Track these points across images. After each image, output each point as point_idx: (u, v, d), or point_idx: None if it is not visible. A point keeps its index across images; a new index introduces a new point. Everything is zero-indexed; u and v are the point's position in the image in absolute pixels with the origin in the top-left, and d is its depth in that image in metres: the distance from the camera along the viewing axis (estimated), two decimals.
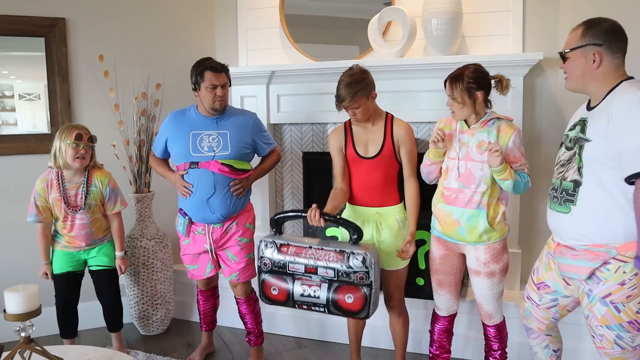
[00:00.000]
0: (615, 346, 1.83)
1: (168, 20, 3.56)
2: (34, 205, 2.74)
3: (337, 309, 2.29)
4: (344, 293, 2.27)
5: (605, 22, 1.80)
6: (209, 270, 2.82)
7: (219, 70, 2.63)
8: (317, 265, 2.29)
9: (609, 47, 1.77)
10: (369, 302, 2.26)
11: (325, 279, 2.29)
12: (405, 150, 2.45)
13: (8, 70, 3.30)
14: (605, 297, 1.81)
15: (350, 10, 3.41)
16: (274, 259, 2.36)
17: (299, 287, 2.33)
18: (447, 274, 2.42)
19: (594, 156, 1.77)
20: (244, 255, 2.77)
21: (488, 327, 2.42)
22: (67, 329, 2.88)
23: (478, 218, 2.25)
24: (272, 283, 2.39)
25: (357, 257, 2.24)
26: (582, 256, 1.84)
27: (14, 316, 1.78)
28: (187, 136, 2.69)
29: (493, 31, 3.07)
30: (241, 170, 2.70)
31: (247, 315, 2.89)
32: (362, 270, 2.24)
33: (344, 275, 2.26)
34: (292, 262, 2.33)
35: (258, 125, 2.81)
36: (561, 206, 1.89)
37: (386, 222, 2.47)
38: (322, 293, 2.29)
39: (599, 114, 1.78)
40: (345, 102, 2.34)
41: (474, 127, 2.26)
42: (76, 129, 2.71)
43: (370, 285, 2.25)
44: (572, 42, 1.84)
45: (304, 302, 2.34)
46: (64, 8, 3.28)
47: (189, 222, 2.75)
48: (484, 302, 2.36)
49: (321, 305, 2.31)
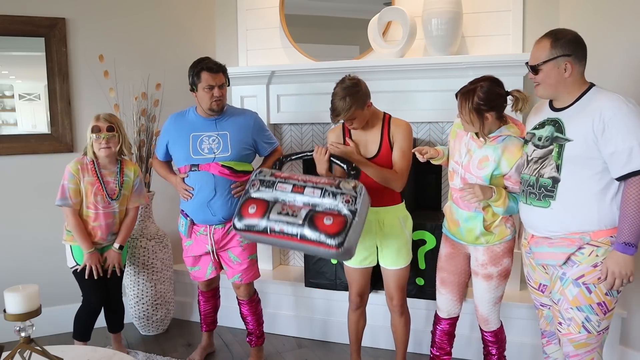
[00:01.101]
0: (582, 330, 1.94)
1: (168, 20, 3.56)
2: (66, 189, 2.67)
3: (312, 229, 2.11)
4: (324, 215, 2.14)
5: (569, 33, 1.92)
6: (210, 272, 2.82)
7: (215, 70, 2.60)
8: (305, 185, 2.22)
9: (576, 56, 1.90)
10: (347, 228, 2.10)
11: (309, 203, 2.19)
12: (397, 146, 2.43)
13: (8, 70, 3.30)
14: (578, 279, 1.93)
15: (350, 10, 3.41)
16: (264, 179, 2.31)
17: (279, 206, 2.21)
18: (450, 272, 2.41)
19: (575, 155, 1.89)
20: (246, 256, 2.76)
21: (485, 332, 2.42)
22: (89, 333, 2.83)
23: (475, 221, 2.24)
24: (252, 201, 2.27)
25: (349, 182, 2.21)
26: (559, 243, 1.97)
27: (14, 316, 1.78)
28: (187, 138, 2.68)
29: (493, 31, 3.07)
30: (242, 172, 2.69)
31: (249, 316, 2.89)
32: (350, 193, 2.16)
33: (330, 196, 2.16)
34: (282, 182, 2.27)
35: (259, 125, 2.78)
36: (540, 201, 1.99)
37: (388, 222, 2.47)
38: (301, 212, 2.17)
39: (579, 116, 1.89)
40: (340, 116, 2.33)
41: (481, 139, 2.18)
42: (94, 120, 2.70)
43: (354, 212, 2.13)
44: (541, 55, 1.92)
45: (278, 221, 2.17)
46: (64, 8, 3.28)
47: (191, 223, 2.75)
48: (480, 305, 2.35)
49: (296, 224, 2.14)
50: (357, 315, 2.65)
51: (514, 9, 3.01)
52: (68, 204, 2.68)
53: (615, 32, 2.65)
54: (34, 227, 3.29)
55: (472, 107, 2.07)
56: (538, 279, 2.14)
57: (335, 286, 3.18)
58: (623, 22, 2.62)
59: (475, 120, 2.09)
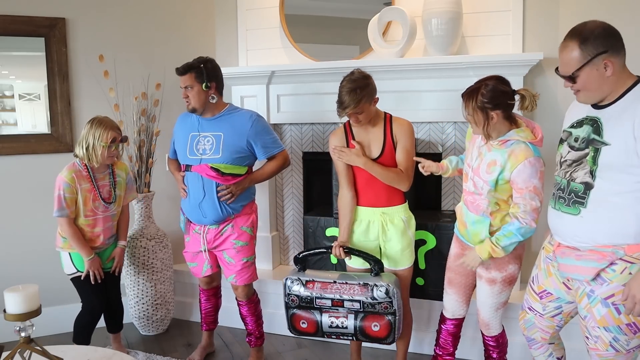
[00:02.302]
0: (610, 348, 1.81)
1: (168, 20, 3.56)
2: (62, 198, 2.62)
3: (365, 337, 2.44)
4: (370, 322, 2.42)
5: (595, 28, 1.71)
6: (206, 269, 2.82)
7: (180, 72, 2.60)
8: (343, 299, 2.42)
9: (613, 50, 1.70)
10: (394, 329, 2.41)
11: (352, 310, 2.42)
12: (400, 146, 2.43)
13: (8, 70, 3.30)
14: (607, 298, 1.77)
15: (350, 10, 3.41)
16: (302, 295, 2.48)
17: (327, 319, 2.47)
18: (458, 273, 2.40)
19: (614, 162, 1.71)
20: (240, 258, 2.75)
21: (486, 336, 2.41)
22: (90, 337, 2.81)
23: (481, 225, 2.20)
24: (301, 316, 2.51)
25: (380, 289, 2.37)
26: (588, 256, 1.79)
27: (14, 316, 1.78)
28: (186, 138, 2.70)
29: (493, 31, 3.07)
30: (230, 175, 2.65)
31: (248, 317, 2.89)
32: (385, 301, 2.37)
33: (369, 307, 2.39)
34: (319, 297, 2.45)
35: (257, 128, 2.67)
36: (569, 207, 1.84)
37: (392, 222, 2.47)
38: (349, 323, 2.43)
39: (620, 117, 1.72)
40: (349, 109, 2.30)
41: (492, 142, 2.12)
42: (111, 130, 2.66)
43: (394, 313, 2.39)
44: (573, 60, 1.72)
45: (332, 333, 2.48)
46: (64, 8, 3.28)
47: (187, 221, 2.78)
48: (482, 309, 2.35)
49: (349, 334, 2.46)
50: None
51: (514, 9, 3.01)
52: (66, 214, 2.65)
53: None
54: (34, 227, 3.29)
55: (477, 105, 2.04)
56: (545, 286, 2.02)
57: None
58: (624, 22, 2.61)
59: (480, 119, 2.05)
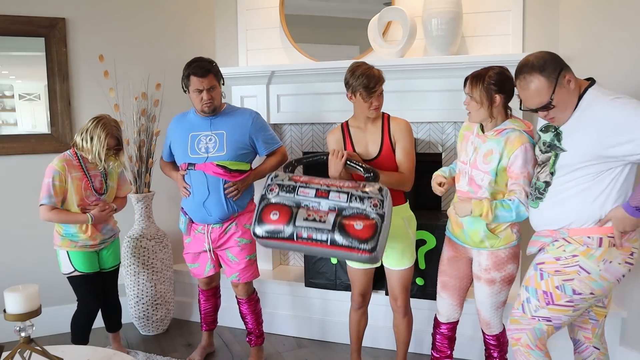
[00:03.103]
0: (520, 307, 2.04)
1: (168, 20, 3.56)
2: (51, 186, 2.60)
3: (342, 235, 2.07)
4: (354, 220, 2.09)
5: (541, 56, 1.88)
6: (208, 270, 2.82)
7: (201, 74, 2.58)
8: (329, 189, 2.16)
9: (564, 65, 1.88)
10: (378, 233, 2.08)
11: (335, 207, 2.13)
12: (400, 146, 2.42)
13: (8, 70, 3.30)
14: (538, 264, 2.02)
15: (350, 10, 3.41)
16: (284, 183, 2.22)
17: (303, 212, 2.13)
18: (452, 276, 2.40)
19: (567, 164, 1.93)
20: (244, 256, 2.77)
21: (487, 335, 2.41)
22: (88, 336, 2.81)
23: (479, 223, 2.20)
24: (273, 207, 2.17)
25: (374, 185, 2.20)
26: (540, 233, 2.08)
27: (14, 316, 1.78)
28: (186, 138, 2.70)
29: (493, 31, 3.07)
30: (237, 171, 2.68)
31: (248, 315, 2.89)
32: (377, 197, 2.13)
33: (357, 200, 2.13)
34: (303, 186, 2.18)
35: (258, 124, 2.75)
36: (533, 202, 2.07)
37: (392, 222, 2.44)
38: (329, 217, 2.10)
39: (577, 126, 1.89)
40: (379, 84, 2.34)
41: (487, 133, 2.19)
42: (112, 136, 2.68)
43: (382, 216, 2.11)
44: (543, 90, 1.86)
45: (305, 228, 2.09)
46: (64, 8, 3.28)
47: (190, 221, 2.77)
48: (482, 309, 2.34)
49: (325, 230, 2.08)
50: (359, 315, 2.65)
51: (514, 9, 3.01)
52: (53, 202, 2.62)
53: (616, 31, 2.65)
54: (34, 227, 3.28)
55: (484, 86, 2.11)
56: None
57: (335, 286, 3.18)
58: (624, 21, 2.62)
59: (485, 100, 2.11)
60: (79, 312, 2.78)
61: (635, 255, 1.93)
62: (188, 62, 2.64)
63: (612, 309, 2.57)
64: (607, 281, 1.92)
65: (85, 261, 2.73)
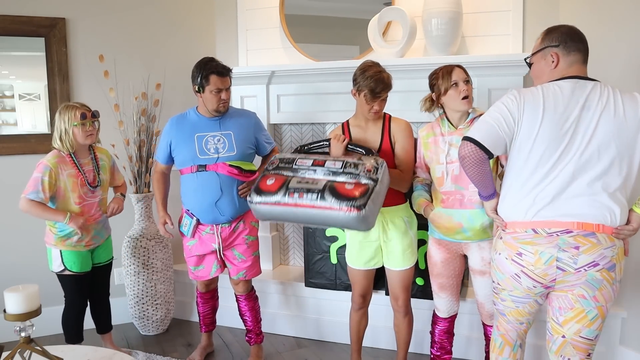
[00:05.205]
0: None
1: (168, 20, 3.56)
2: (39, 181, 2.55)
3: (332, 194, 2.08)
4: (346, 182, 2.14)
5: (562, 27, 1.91)
6: (215, 271, 2.80)
7: (224, 74, 2.61)
8: (326, 159, 2.24)
9: (565, 47, 1.86)
10: (369, 193, 2.08)
11: (330, 172, 2.18)
12: (400, 146, 2.43)
13: (8, 70, 3.30)
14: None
15: (350, 10, 3.41)
16: (285, 157, 2.33)
17: (298, 177, 2.22)
18: (449, 277, 2.41)
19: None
20: (251, 253, 2.79)
21: (488, 326, 2.42)
22: (81, 333, 2.82)
23: (479, 217, 2.23)
24: (270, 175, 2.27)
25: (370, 158, 2.23)
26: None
27: (14, 316, 1.78)
28: (192, 139, 2.66)
29: (493, 31, 3.07)
30: (249, 172, 2.69)
31: (247, 312, 2.89)
32: (372, 165, 2.16)
33: (352, 166, 2.16)
34: (302, 158, 2.29)
35: (259, 124, 2.82)
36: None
37: (392, 222, 2.46)
38: (320, 182, 2.16)
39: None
40: (386, 90, 2.35)
41: (461, 127, 2.28)
42: (78, 108, 2.64)
43: (376, 180, 2.12)
44: (534, 49, 1.95)
45: (296, 189, 2.14)
46: (64, 8, 3.28)
47: (197, 223, 2.74)
48: (487, 303, 2.35)
49: (316, 190, 2.11)
50: (360, 315, 2.65)
51: (514, 9, 3.01)
52: (41, 198, 2.56)
53: (616, 31, 2.65)
54: (34, 226, 3.28)
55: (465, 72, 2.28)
56: None
57: (335, 286, 3.18)
58: (623, 21, 2.62)
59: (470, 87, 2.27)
60: (66, 309, 2.80)
61: (526, 259, 1.81)
62: (202, 62, 2.61)
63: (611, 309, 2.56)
64: (502, 274, 1.89)
65: (78, 261, 2.73)
